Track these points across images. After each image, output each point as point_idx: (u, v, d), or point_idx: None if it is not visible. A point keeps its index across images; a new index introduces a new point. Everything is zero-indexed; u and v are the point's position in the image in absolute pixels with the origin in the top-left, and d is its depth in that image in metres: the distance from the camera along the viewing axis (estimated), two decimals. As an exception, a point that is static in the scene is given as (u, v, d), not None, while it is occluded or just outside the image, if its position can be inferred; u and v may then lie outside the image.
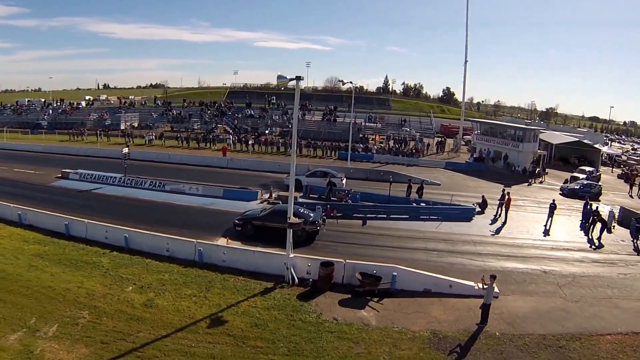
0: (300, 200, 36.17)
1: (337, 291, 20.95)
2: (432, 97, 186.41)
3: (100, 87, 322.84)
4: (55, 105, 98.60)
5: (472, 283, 20.91)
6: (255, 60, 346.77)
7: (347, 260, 21.92)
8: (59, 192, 39.26)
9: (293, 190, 23.16)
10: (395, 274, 20.75)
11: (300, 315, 18.81)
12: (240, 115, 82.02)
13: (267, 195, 38.31)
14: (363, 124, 76.98)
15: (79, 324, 18.04)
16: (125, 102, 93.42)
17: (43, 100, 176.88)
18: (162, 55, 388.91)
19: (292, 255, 22.25)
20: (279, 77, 20.97)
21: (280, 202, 35.66)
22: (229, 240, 27.15)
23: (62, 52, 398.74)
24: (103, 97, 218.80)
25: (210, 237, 27.81)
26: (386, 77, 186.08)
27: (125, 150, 41.98)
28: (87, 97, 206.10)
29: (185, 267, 23.75)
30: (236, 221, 29.07)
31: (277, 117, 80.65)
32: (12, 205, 31.33)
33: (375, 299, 20.14)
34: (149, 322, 18.39)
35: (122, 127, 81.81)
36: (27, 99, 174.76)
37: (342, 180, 40.79)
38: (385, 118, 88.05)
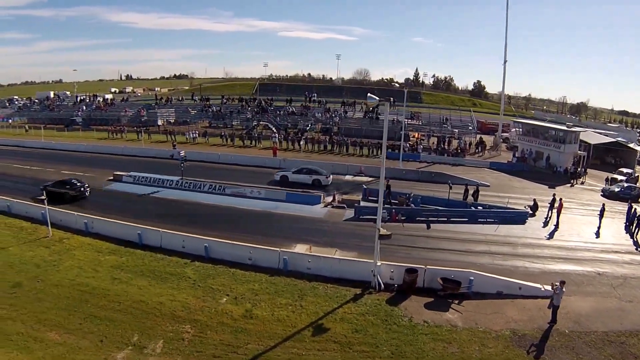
0: (363, 203, 37.10)
1: (420, 295, 22.93)
2: (460, 89, 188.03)
3: (123, 78, 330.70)
4: (88, 100, 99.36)
5: (538, 285, 23.35)
6: (279, 51, 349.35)
7: (427, 267, 23.81)
8: (115, 196, 40.45)
9: (382, 199, 24.36)
10: (472, 278, 22.93)
11: (394, 320, 20.64)
12: (281, 112, 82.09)
13: (329, 199, 38.62)
14: (405, 121, 76.15)
15: (185, 339, 18.87)
16: (161, 98, 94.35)
17: (68, 93, 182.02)
18: (185, 45, 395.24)
19: (379, 263, 23.56)
20: (369, 97, 22.06)
21: (345, 207, 36.47)
22: (311, 247, 27.55)
23: (81, 43, 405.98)
24: (129, 89, 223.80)
25: (286, 243, 28.83)
26: (416, 69, 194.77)
27: (183, 152, 42.60)
28: (112, 89, 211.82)
29: (272, 275, 24.77)
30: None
31: (320, 114, 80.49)
32: (75, 213, 32.52)
33: (456, 302, 22.28)
34: (254, 333, 19.38)
35: (159, 123, 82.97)
36: (52, 92, 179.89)
37: (327, 178, 44.39)
38: (421, 114, 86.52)
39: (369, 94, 21.94)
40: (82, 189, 39.01)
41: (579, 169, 54.52)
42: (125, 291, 22.68)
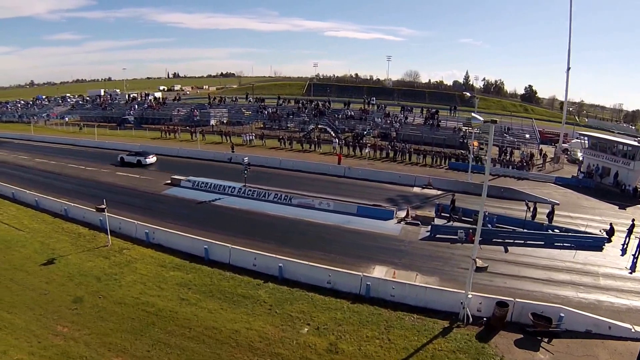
0: (437, 221, 34.84)
1: (509, 330, 21.22)
2: (509, 93, 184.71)
3: (170, 76, 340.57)
4: (140, 99, 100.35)
5: (628, 325, 21.34)
6: (325, 50, 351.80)
7: (516, 300, 22.09)
8: (173, 203, 39.62)
9: (480, 227, 22.36)
10: (563, 315, 21.27)
11: (486, 359, 19.06)
12: (339, 115, 80.00)
13: (402, 214, 36.38)
14: (466, 130, 72.34)
15: (268, 377, 17.09)
16: (214, 98, 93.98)
17: (118, 91, 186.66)
18: (230, 44, 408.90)
19: (470, 295, 21.75)
20: (473, 118, 22.39)
21: (419, 224, 34.40)
22: (396, 273, 25.57)
23: (129, 42, 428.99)
24: (177, 87, 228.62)
25: (363, 264, 27.34)
26: (467, 72, 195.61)
27: (246, 159, 41.23)
28: (161, 87, 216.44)
29: (353, 302, 22.98)
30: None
31: (380, 119, 77.88)
32: (136, 222, 31.64)
33: (546, 340, 20.59)
34: (342, 371, 17.54)
35: (212, 123, 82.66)
36: (102, 90, 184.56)
37: (147, 159, 53.07)
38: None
39: (473, 114, 20.06)
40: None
41: (650, 189, 50.39)
42: (195, 315, 21.28)
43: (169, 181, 44.68)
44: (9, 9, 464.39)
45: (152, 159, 54.06)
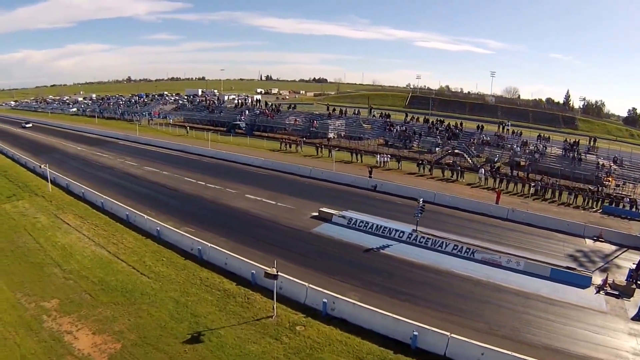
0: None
1: None
2: (611, 114, 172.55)
3: (263, 78, 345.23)
4: (249, 103, 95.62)
5: None
6: (414, 60, 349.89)
7: None
8: (331, 247, 31.25)
9: None
10: None
11: None
12: (474, 140, 68.71)
13: (600, 281, 27.39)
14: (611, 166, 58.81)
15: None
16: (334, 109, 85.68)
17: (216, 91, 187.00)
18: (320, 50, 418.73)
19: None
20: None
21: (618, 294, 26.01)
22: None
23: (223, 44, 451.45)
24: (274, 90, 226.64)
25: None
26: (567, 91, 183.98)
27: (421, 200, 32.28)
28: (258, 90, 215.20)
29: None
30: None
31: (518, 146, 65.90)
32: (307, 285, 23.47)
33: None
34: None
35: (330, 136, 75.33)
36: (200, 90, 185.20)
37: None
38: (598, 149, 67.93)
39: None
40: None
41: None
42: None
43: (316, 214, 36.68)
44: (110, 9, 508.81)
45: None
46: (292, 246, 30.65)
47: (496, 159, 61.40)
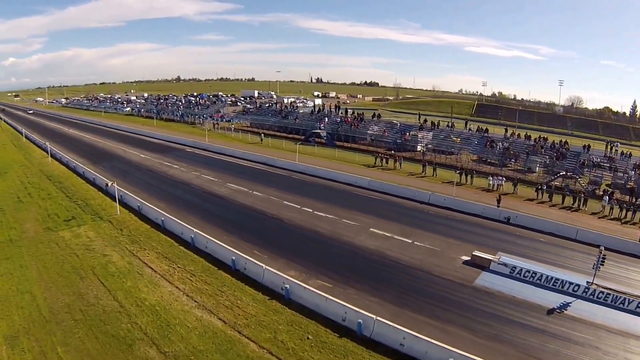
0: None
1: None
2: None
3: (314, 80, 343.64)
4: (328, 110, 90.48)
5: None
6: (464, 65, 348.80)
7: None
8: (505, 308, 24.89)
9: None
10: None
11: None
12: (583, 161, 60.51)
13: None
14: None
15: None
16: (425, 120, 79.01)
17: (273, 93, 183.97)
18: (370, 53, 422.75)
19: None
20: None
21: None
22: None
23: (272, 46, 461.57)
24: (332, 93, 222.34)
25: None
26: (634, 101, 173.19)
27: (602, 249, 26.13)
28: (315, 93, 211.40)
29: None
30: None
31: (633, 170, 57.00)
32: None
33: None
34: None
35: (419, 149, 69.93)
36: (256, 91, 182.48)
37: None
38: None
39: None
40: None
41: None
42: None
43: (467, 258, 30.68)
44: (160, 9, 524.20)
45: None
46: (461, 309, 24.47)
47: (601, 182, 54.13)
